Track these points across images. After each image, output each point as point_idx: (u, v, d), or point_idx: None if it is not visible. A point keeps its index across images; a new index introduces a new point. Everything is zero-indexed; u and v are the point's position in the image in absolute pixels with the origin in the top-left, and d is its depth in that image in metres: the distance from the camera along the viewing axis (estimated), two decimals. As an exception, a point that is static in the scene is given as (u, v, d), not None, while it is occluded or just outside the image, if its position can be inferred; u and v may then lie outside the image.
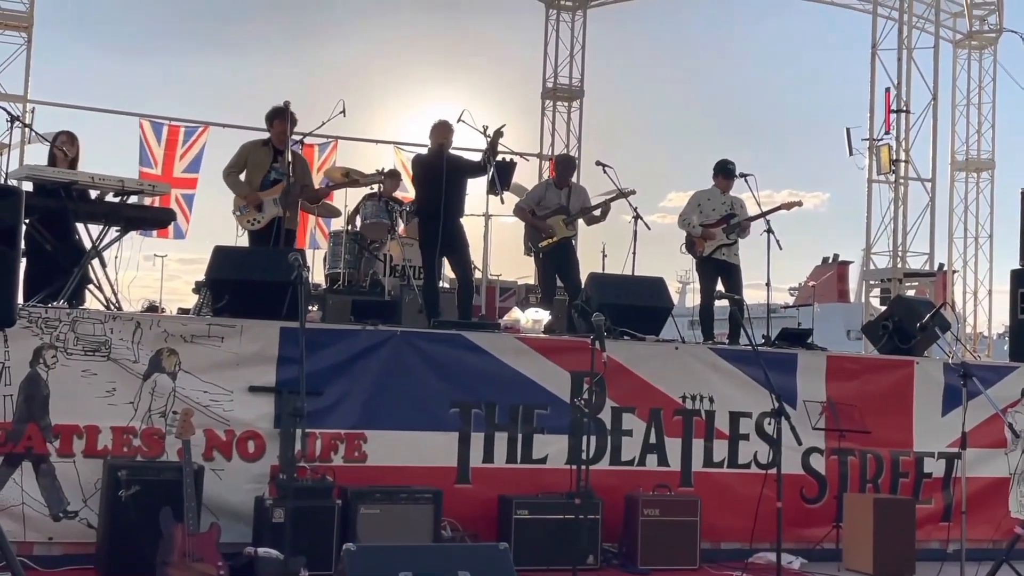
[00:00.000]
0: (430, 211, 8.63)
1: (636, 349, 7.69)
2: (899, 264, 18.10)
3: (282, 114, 8.41)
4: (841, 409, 8.02)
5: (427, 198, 8.72)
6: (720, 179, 9.80)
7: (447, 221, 8.55)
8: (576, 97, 21.38)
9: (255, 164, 8.44)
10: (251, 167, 8.45)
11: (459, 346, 7.23)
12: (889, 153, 17.66)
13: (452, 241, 8.67)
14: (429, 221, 8.65)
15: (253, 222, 8.34)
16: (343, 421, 6.82)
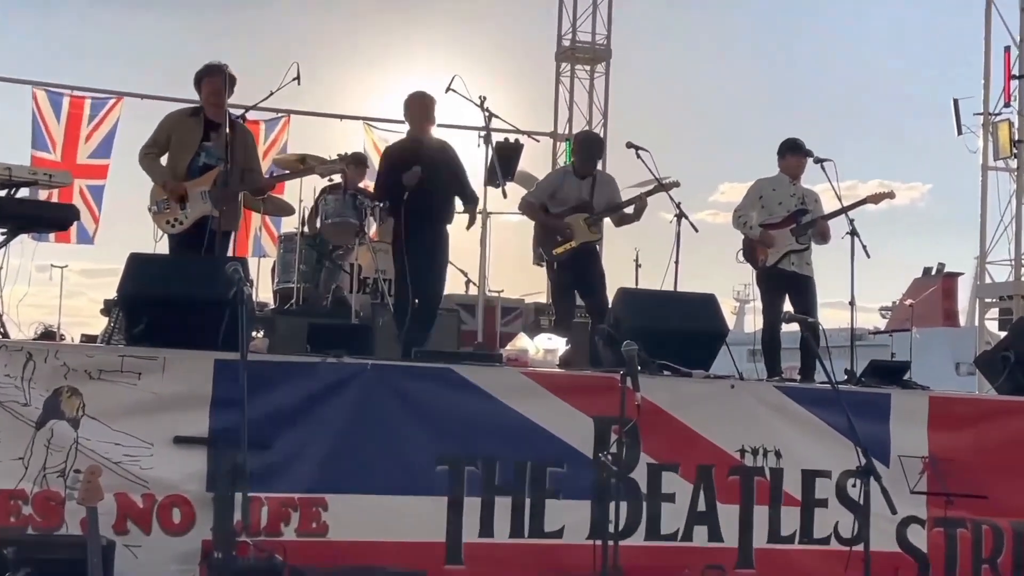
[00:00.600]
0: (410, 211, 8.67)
1: (680, 388, 7.68)
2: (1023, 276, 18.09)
3: (216, 72, 8.40)
4: (948, 467, 7.98)
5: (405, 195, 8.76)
6: (789, 162, 9.81)
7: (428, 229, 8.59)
8: (600, 59, 21.42)
9: (180, 142, 8.41)
10: (175, 146, 8.41)
11: (449, 384, 7.22)
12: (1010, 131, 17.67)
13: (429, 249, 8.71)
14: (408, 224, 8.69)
15: (174, 222, 8.33)
16: (297, 482, 6.80)
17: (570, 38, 21.34)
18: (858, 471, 6.46)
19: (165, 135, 8.45)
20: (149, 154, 8.44)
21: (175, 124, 8.47)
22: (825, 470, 7.87)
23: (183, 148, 8.40)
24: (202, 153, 8.41)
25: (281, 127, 16.77)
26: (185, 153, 8.39)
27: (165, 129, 8.48)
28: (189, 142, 8.40)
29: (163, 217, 8.36)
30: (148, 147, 8.48)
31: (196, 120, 8.45)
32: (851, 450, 6.60)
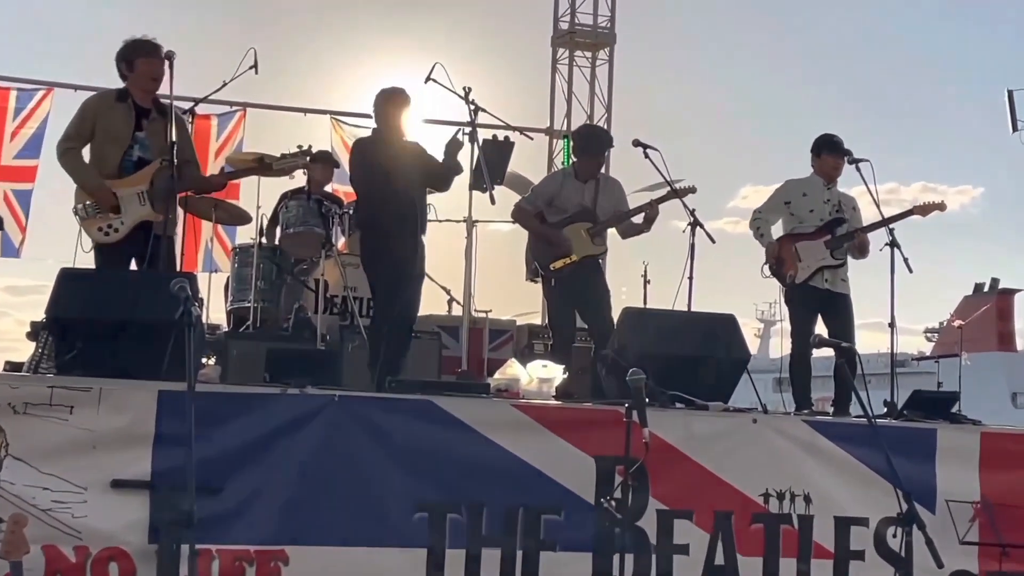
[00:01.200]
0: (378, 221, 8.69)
1: (694, 423, 7.69)
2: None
3: (155, 52, 8.27)
4: (1004, 513, 8.00)
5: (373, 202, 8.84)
6: (825, 162, 9.83)
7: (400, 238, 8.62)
8: (603, 44, 21.51)
9: (108, 133, 8.23)
10: (102, 138, 8.21)
11: (429, 418, 7.22)
12: (1072, 128, 17.75)
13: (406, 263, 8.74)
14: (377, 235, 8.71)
15: (108, 230, 8.23)
16: (254, 532, 6.79)
17: (568, 21, 21.42)
18: (899, 518, 6.46)
19: (88, 125, 8.24)
20: (70, 149, 8.22)
21: (100, 111, 8.24)
22: (862, 517, 7.87)
23: (112, 140, 8.20)
24: (135, 145, 8.26)
25: (236, 122, 16.75)
26: (116, 146, 8.19)
27: (88, 117, 8.26)
28: (119, 133, 8.22)
29: (94, 223, 8.18)
30: (69, 140, 8.25)
31: (125, 106, 8.24)
32: (891, 494, 6.60)
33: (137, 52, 8.27)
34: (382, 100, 9.06)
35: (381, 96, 9.08)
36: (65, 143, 8.28)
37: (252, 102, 16.75)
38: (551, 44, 21.53)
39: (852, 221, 9.80)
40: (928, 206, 9.92)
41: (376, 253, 8.86)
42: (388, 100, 9.04)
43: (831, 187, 9.86)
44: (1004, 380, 50.65)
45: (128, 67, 8.28)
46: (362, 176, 9.07)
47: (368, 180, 8.94)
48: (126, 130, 8.23)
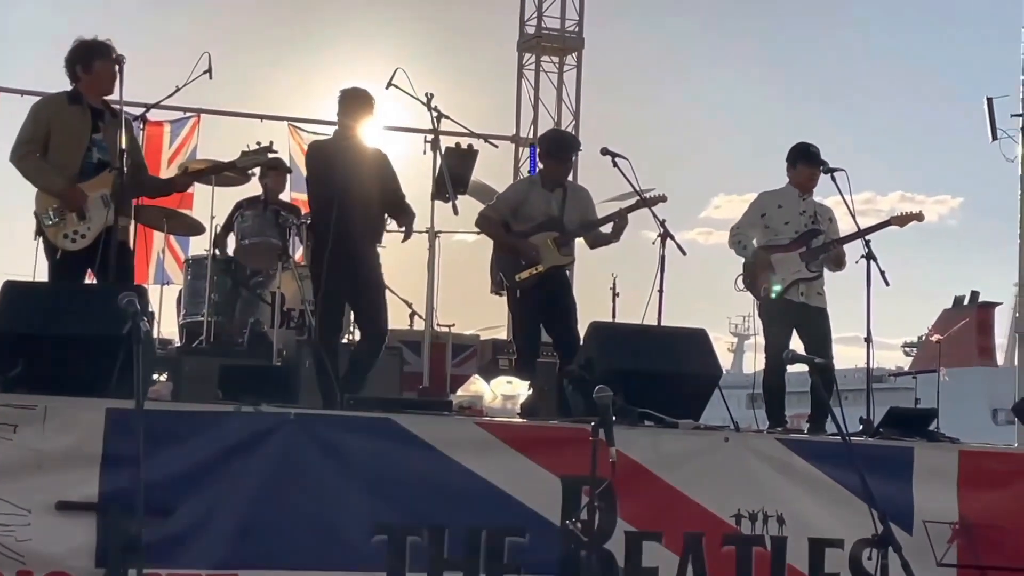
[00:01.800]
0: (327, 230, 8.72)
1: (664, 442, 7.69)
2: (1072, 307, 18.23)
3: (108, 53, 8.23)
4: (983, 534, 8.02)
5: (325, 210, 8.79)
6: (799, 172, 9.85)
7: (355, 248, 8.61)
8: (571, 49, 21.55)
9: (66, 135, 8.15)
10: (60, 141, 8.12)
11: (389, 437, 7.21)
12: (1053, 137, 17.84)
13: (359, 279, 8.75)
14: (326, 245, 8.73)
15: (75, 236, 8.17)
16: (205, 556, 6.75)
17: (535, 25, 21.46)
18: (874, 540, 6.47)
19: (43, 128, 8.16)
20: (29, 153, 8.13)
21: (55, 114, 8.17)
22: (836, 539, 7.88)
23: (71, 142, 8.15)
24: (94, 148, 8.23)
25: (190, 129, 16.73)
26: (75, 148, 8.15)
27: (42, 121, 8.18)
28: (77, 135, 8.16)
29: (60, 230, 8.11)
30: (25, 144, 8.16)
31: (80, 108, 8.22)
32: (867, 515, 6.60)
33: (95, 54, 8.23)
34: (343, 101, 9.02)
35: (343, 97, 9.04)
36: (22, 148, 8.19)
37: (206, 108, 16.73)
38: (517, 49, 21.56)
39: (828, 232, 9.82)
40: (905, 216, 9.94)
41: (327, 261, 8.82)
42: (350, 101, 9.00)
43: (806, 197, 9.87)
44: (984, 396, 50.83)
45: (84, 69, 8.23)
46: (317, 180, 9.03)
47: (323, 185, 8.89)
48: (84, 132, 8.19)
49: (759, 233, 9.85)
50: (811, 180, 9.85)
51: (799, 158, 9.85)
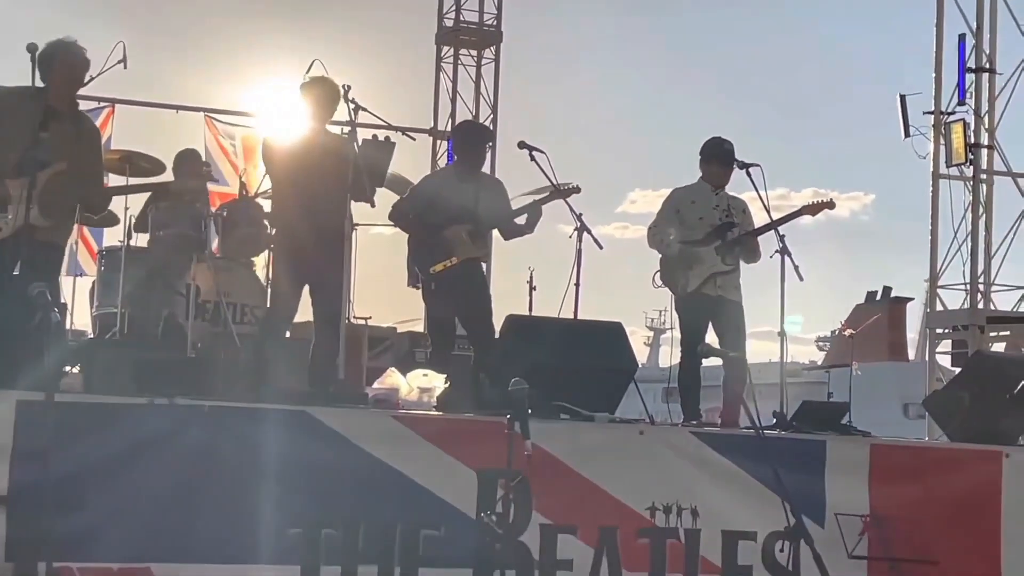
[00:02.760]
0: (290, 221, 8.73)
1: (579, 435, 7.71)
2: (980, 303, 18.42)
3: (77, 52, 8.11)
4: (893, 526, 8.09)
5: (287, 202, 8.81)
6: (712, 168, 9.87)
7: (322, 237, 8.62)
8: (489, 42, 21.54)
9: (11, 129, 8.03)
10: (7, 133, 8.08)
11: (304, 430, 7.19)
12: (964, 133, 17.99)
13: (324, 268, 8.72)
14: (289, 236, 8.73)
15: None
16: (117, 550, 6.71)
17: (453, 18, 21.40)
18: (786, 532, 6.51)
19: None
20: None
21: (5, 105, 8.16)
22: (750, 531, 7.92)
23: (13, 136, 8.07)
24: (38, 146, 8.12)
25: (104, 119, 16.58)
26: (15, 143, 8.07)
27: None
28: (23, 130, 8.08)
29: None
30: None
31: (36, 105, 8.14)
32: (780, 508, 6.67)
33: (55, 51, 8.12)
34: (305, 93, 8.94)
35: (304, 88, 8.96)
36: None
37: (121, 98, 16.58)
38: (435, 42, 21.50)
39: (743, 225, 9.84)
40: (817, 205, 10.00)
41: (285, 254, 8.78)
42: (311, 93, 8.93)
43: (719, 192, 9.90)
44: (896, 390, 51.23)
45: (47, 65, 8.13)
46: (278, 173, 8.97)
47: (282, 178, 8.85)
48: (30, 128, 8.07)
49: (675, 229, 9.87)
50: (724, 176, 9.87)
51: (712, 154, 9.88)
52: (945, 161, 18.30)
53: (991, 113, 18.40)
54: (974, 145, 18.09)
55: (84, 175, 8.18)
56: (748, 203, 10.00)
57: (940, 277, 18.85)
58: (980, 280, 18.33)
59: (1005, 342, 18.85)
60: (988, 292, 18.42)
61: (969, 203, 18.45)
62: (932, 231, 18.70)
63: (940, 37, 18.69)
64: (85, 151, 8.14)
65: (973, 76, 18.29)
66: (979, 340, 17.87)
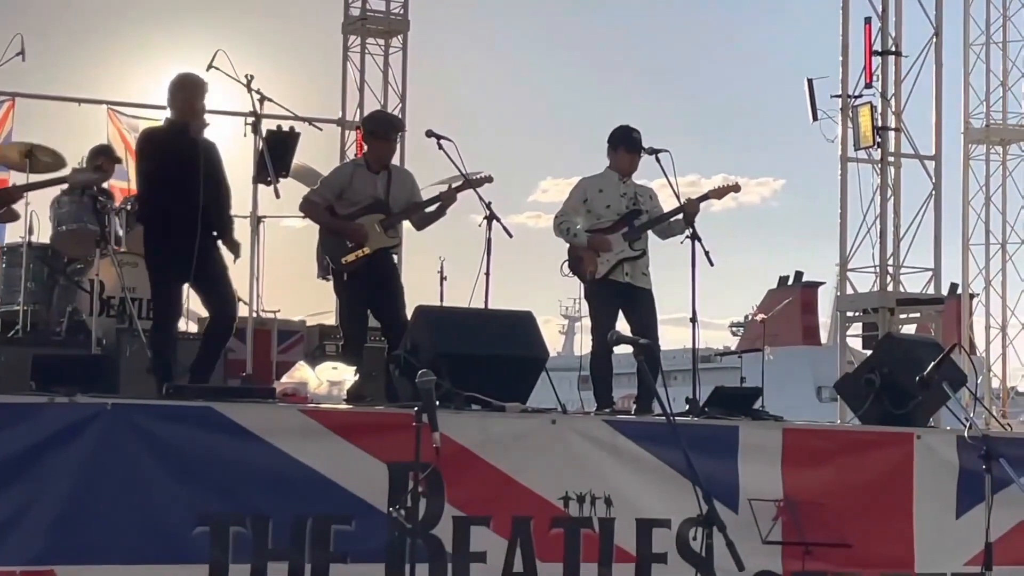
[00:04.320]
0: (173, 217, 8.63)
1: (491, 426, 7.68)
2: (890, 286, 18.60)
3: None
4: (806, 511, 8.12)
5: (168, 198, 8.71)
6: (619, 156, 9.94)
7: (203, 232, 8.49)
8: (396, 31, 21.40)
9: None
10: None
11: (210, 426, 7.11)
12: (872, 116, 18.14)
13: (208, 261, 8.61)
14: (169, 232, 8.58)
15: None
16: (19, 552, 6.60)
17: (360, 6, 21.21)
18: (701, 519, 6.50)
19: None
20: None
21: None
22: (664, 519, 7.94)
23: None
24: None
25: (4, 113, 16.39)
26: None
27: None
28: None
29: None
30: None
31: None
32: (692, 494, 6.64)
33: None
34: (176, 87, 8.87)
35: (175, 83, 8.89)
36: None
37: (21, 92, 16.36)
38: (342, 31, 21.33)
39: (651, 211, 9.89)
40: (723, 189, 10.13)
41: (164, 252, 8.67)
42: (182, 87, 8.85)
43: (627, 180, 9.95)
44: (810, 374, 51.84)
45: None
46: (152, 168, 8.87)
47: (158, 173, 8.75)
48: None
49: (582, 218, 9.88)
50: (631, 164, 9.93)
51: (619, 142, 9.94)
52: (853, 144, 18.43)
53: (898, 96, 18.54)
54: (881, 128, 18.24)
55: None
56: (658, 191, 10.05)
57: (850, 260, 18.98)
58: (889, 263, 18.49)
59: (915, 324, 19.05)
60: (897, 275, 18.58)
61: (878, 186, 18.60)
62: (841, 214, 18.83)
63: (846, 20, 18.83)
64: None
65: (879, 59, 18.43)
66: (889, 323, 18.04)
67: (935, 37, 18.98)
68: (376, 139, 9.84)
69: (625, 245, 9.73)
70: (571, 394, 8.85)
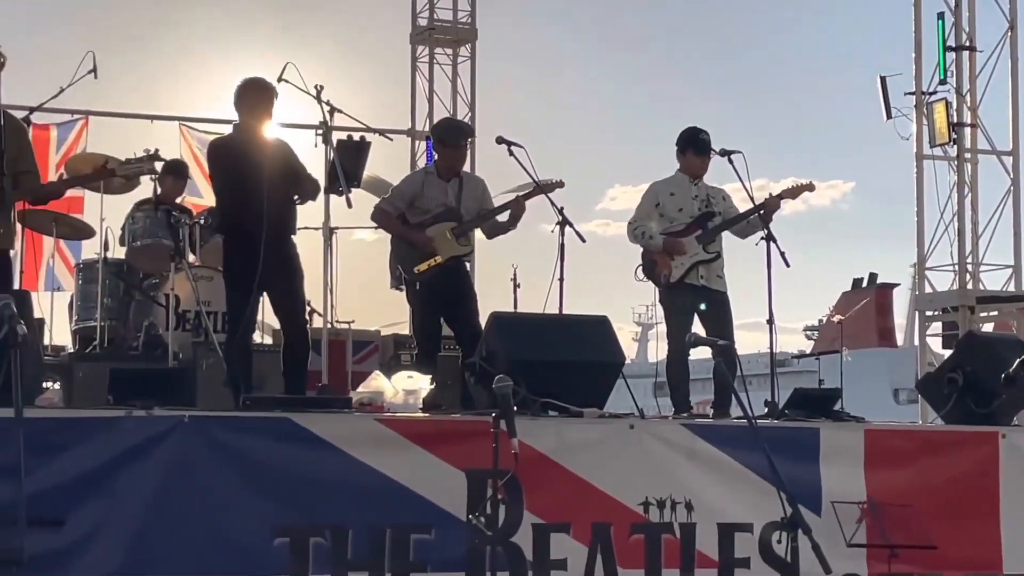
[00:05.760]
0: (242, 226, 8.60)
1: (568, 431, 7.64)
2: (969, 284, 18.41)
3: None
4: (890, 513, 8.03)
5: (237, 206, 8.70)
6: (689, 159, 9.88)
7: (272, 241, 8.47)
8: (464, 41, 21.46)
9: None
10: None
11: (287, 437, 7.11)
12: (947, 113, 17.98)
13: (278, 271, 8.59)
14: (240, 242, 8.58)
15: None
16: (99, 567, 6.61)
17: (427, 16, 21.29)
18: (783, 523, 6.44)
19: None
20: None
21: None
22: (746, 523, 7.87)
23: None
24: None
25: (78, 131, 16.50)
26: None
27: None
28: None
29: None
30: None
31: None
32: (775, 498, 6.60)
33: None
34: (243, 93, 8.84)
35: (241, 87, 8.86)
36: None
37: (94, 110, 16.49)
38: (410, 41, 21.42)
39: (724, 212, 9.83)
40: (797, 188, 10.06)
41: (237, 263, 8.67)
42: (249, 93, 8.83)
43: (698, 182, 9.88)
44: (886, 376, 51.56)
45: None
46: (222, 177, 8.89)
47: (228, 181, 8.77)
48: None
49: (655, 223, 9.83)
50: (701, 166, 9.88)
51: (689, 146, 9.88)
52: (928, 141, 18.36)
53: (973, 91, 18.42)
54: (957, 124, 18.14)
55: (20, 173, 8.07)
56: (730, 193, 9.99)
57: (927, 259, 18.85)
58: (968, 260, 18.35)
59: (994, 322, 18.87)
60: (976, 272, 18.44)
61: (954, 183, 18.49)
62: (918, 212, 18.70)
63: (919, 16, 18.73)
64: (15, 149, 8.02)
65: (953, 55, 18.30)
66: (969, 321, 17.87)
67: (1010, 31, 18.85)
68: (446, 147, 9.81)
69: (699, 248, 9.66)
70: (647, 401, 8.80)
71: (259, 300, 8.98)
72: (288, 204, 8.92)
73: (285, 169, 8.78)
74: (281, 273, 8.73)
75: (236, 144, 8.82)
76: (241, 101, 8.83)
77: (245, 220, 8.57)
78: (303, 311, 9.15)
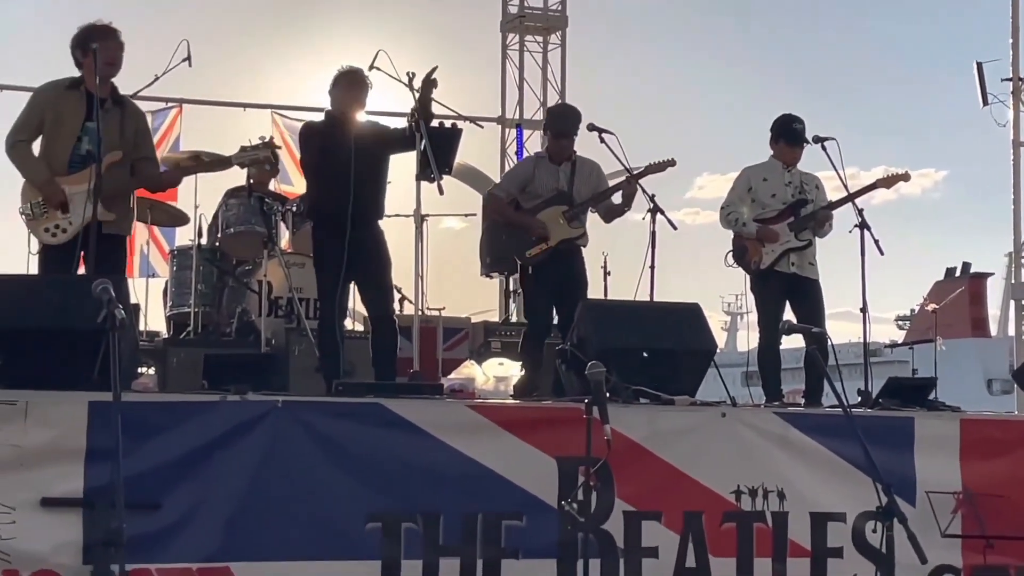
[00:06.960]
0: (330, 212, 8.61)
1: (660, 419, 7.63)
2: (1066, 273, 18.22)
3: (112, 36, 8.07)
4: (987, 503, 7.96)
5: (325, 191, 8.72)
6: (782, 147, 9.82)
7: (359, 227, 8.49)
8: (555, 28, 21.41)
9: (58, 124, 7.98)
10: (52, 130, 8.06)
11: (379, 423, 7.14)
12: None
13: (364, 257, 8.60)
14: (329, 228, 8.59)
15: (55, 230, 8.03)
16: (195, 550, 6.68)
17: (518, 4, 21.27)
18: (878, 512, 6.41)
19: (38, 116, 8.05)
20: (19, 143, 8.03)
21: (50, 101, 8.05)
22: (839, 512, 7.84)
23: (62, 132, 7.97)
24: (84, 137, 8.06)
25: (172, 119, 16.67)
26: (65, 139, 7.96)
27: (38, 108, 8.08)
28: (69, 123, 7.99)
29: (40, 224, 8.01)
30: (17, 132, 8.06)
31: (77, 95, 8.02)
32: (869, 487, 6.56)
33: (92, 36, 8.05)
34: (337, 81, 8.92)
35: (337, 77, 8.94)
36: (13, 136, 8.10)
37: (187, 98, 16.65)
38: (500, 29, 21.39)
39: (817, 200, 9.76)
40: (891, 178, 9.97)
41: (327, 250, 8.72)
42: (344, 81, 8.90)
43: (791, 169, 9.82)
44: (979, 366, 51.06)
45: (83, 53, 8.07)
46: (310, 161, 8.96)
47: (317, 166, 8.84)
48: (75, 120, 8.03)
49: (747, 208, 9.79)
50: (795, 153, 9.81)
51: (782, 134, 9.83)
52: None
53: (1070, 77, 18.18)
54: (1054, 110, 17.94)
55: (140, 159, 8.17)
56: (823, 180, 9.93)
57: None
58: (1065, 249, 18.14)
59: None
60: (1074, 260, 18.23)
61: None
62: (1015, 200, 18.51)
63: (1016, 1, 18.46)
64: (133, 134, 8.12)
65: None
66: (1066, 311, 17.72)
67: (1107, 15, 18.57)
68: (555, 133, 9.85)
69: (791, 235, 9.60)
70: (737, 390, 8.75)
71: (348, 286, 9.00)
72: (378, 190, 8.97)
73: (376, 148, 8.82)
74: (368, 259, 8.75)
75: (326, 129, 8.87)
76: (335, 89, 8.90)
77: (333, 206, 8.61)
78: (390, 298, 9.17)
